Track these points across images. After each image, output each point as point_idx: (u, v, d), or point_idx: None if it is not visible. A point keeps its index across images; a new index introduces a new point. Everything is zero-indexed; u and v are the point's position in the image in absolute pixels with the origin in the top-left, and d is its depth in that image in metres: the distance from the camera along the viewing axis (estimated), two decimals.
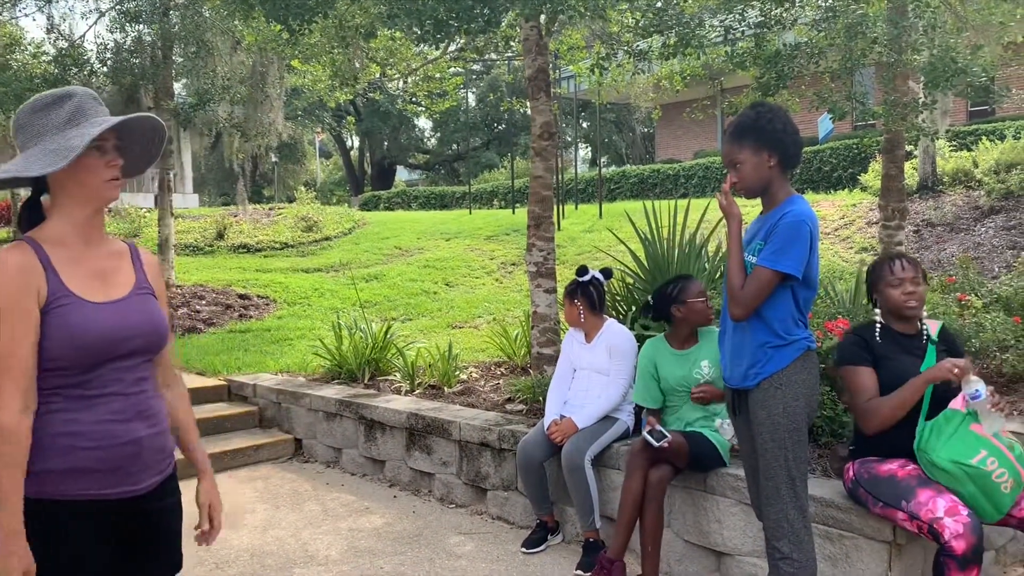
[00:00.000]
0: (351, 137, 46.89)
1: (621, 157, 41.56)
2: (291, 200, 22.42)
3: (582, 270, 4.48)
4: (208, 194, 42.86)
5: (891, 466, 3.22)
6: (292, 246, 15.69)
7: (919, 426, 3.17)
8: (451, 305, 11.83)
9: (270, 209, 20.07)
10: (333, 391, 6.38)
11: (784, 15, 5.41)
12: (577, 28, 7.15)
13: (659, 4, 5.86)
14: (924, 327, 3.33)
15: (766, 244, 2.87)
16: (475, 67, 42.46)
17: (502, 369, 7.17)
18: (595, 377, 4.41)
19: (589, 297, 4.42)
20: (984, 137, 14.55)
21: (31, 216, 1.95)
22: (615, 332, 4.38)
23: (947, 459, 3.01)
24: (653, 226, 5.66)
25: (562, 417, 4.36)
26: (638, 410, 4.41)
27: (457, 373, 6.61)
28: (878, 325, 3.34)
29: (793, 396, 2.90)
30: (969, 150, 14.34)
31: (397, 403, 5.81)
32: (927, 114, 5.57)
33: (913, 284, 3.25)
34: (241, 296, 11.71)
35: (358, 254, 15.21)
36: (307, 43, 6.36)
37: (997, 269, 10.27)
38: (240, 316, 10.89)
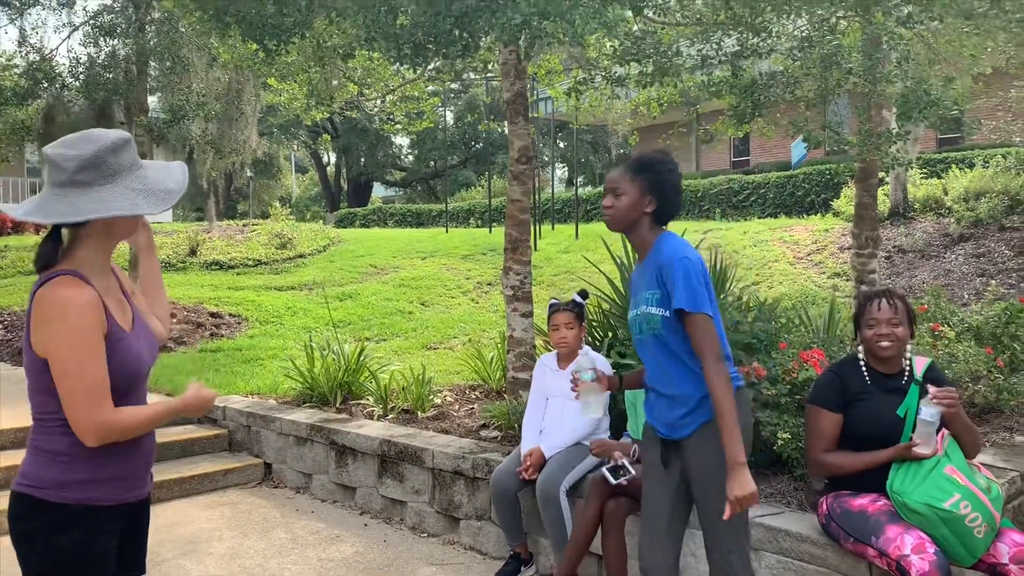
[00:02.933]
0: (327, 153, 46.74)
1: (596, 178, 41.73)
2: (266, 216, 22.26)
3: (584, 293, 4.45)
4: (182, 209, 42.48)
5: (863, 501, 3.21)
6: (266, 263, 15.54)
7: (893, 466, 3.16)
8: (426, 325, 11.76)
9: (244, 225, 19.89)
10: (304, 415, 6.28)
11: (760, 44, 5.45)
12: (555, 52, 7.16)
13: (636, 32, 5.88)
14: (908, 365, 3.31)
15: (662, 291, 2.81)
16: (453, 86, 42.63)
17: (477, 393, 7.11)
18: (569, 405, 4.36)
19: (579, 313, 4.39)
20: (954, 165, 14.78)
21: (54, 247, 2.05)
22: (595, 359, 4.34)
23: (920, 502, 3.00)
24: (629, 249, 5.63)
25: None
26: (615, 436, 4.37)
27: (431, 397, 6.54)
28: (861, 362, 3.32)
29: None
30: (939, 177, 14.55)
31: (369, 429, 5.72)
32: (900, 143, 5.62)
33: (889, 325, 3.23)
34: (212, 314, 11.56)
35: (332, 272, 15.09)
36: (284, 62, 6.31)
37: (967, 296, 10.40)
38: (211, 335, 10.74)
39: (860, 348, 3.34)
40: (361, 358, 7.00)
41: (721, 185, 18.26)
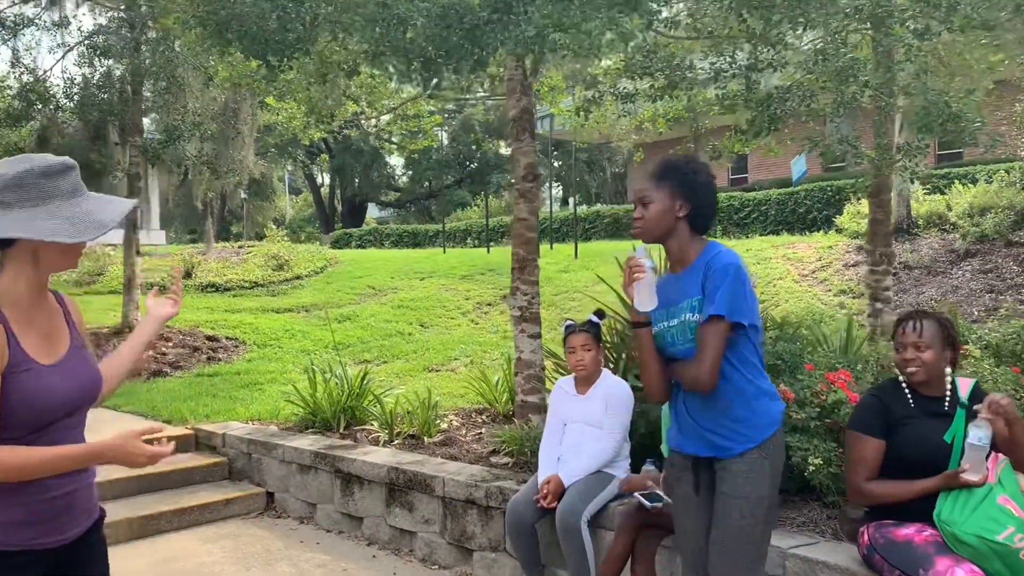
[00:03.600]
0: (322, 174, 46.65)
1: (592, 197, 41.71)
2: (260, 237, 22.08)
3: (600, 313, 4.27)
4: (175, 231, 42.26)
5: (908, 531, 3.03)
6: (262, 285, 15.35)
7: (941, 494, 2.98)
8: (426, 347, 11.56)
9: (239, 247, 19.70)
10: (307, 441, 6.08)
11: (775, 57, 5.31)
12: (559, 69, 7.04)
13: (647, 46, 5.75)
14: (952, 387, 3.14)
15: (705, 296, 2.64)
16: (448, 106, 42.67)
17: (483, 417, 6.92)
18: (587, 431, 4.18)
19: (595, 331, 4.21)
20: (956, 180, 14.70)
21: None
22: (613, 384, 4.17)
23: (971, 533, 2.82)
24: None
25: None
26: (636, 466, 4.18)
27: (437, 422, 6.34)
28: (904, 385, 3.15)
29: (776, 467, 2.72)
30: (942, 193, 14.46)
31: (376, 456, 5.52)
32: (919, 157, 5.49)
33: (916, 349, 3.08)
34: (209, 338, 11.35)
35: (330, 294, 14.91)
36: (284, 79, 6.16)
37: (977, 313, 10.25)
38: (208, 359, 10.53)
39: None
40: (364, 382, 6.80)
41: (721, 202, 18.15)
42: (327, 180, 46.42)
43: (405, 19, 3.89)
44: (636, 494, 3.71)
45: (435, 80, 5.29)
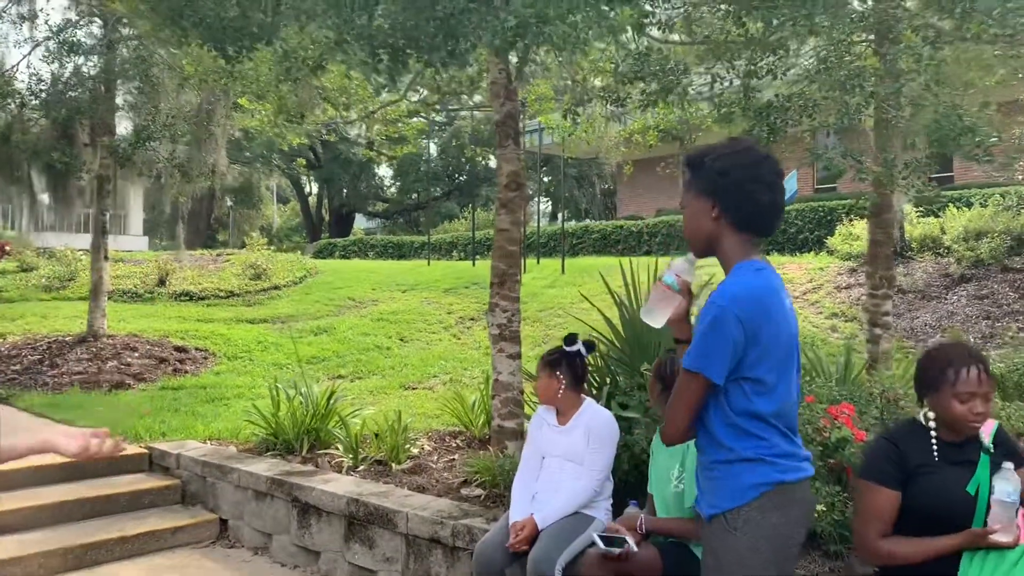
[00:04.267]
0: (310, 183, 46.24)
1: (581, 212, 41.44)
2: (243, 246, 21.60)
3: (571, 339, 3.85)
4: (160, 237, 41.63)
5: None
6: (238, 295, 14.88)
7: (965, 554, 2.59)
8: (405, 363, 11.12)
9: (218, 255, 19.23)
10: (264, 466, 5.63)
11: (776, 64, 4.96)
12: (547, 76, 6.67)
13: (639, 49, 5.38)
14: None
15: None
16: (438, 118, 42.35)
17: (458, 441, 6.50)
18: (567, 466, 3.77)
19: (574, 370, 3.80)
20: (950, 204, 14.42)
21: None
22: (596, 414, 3.76)
23: None
24: (631, 287, 5.08)
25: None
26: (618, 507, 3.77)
27: (407, 447, 5.91)
28: (932, 431, 2.74)
29: (756, 546, 2.24)
30: (936, 216, 14.17)
31: (336, 484, 5.08)
32: (922, 175, 5.14)
33: (984, 402, 2.66)
34: (178, 348, 10.87)
35: (308, 305, 14.44)
36: (252, 77, 5.78)
37: (974, 340, 9.92)
38: (175, 371, 10.05)
39: (930, 415, 2.74)
40: (331, 402, 6.36)
41: None
42: (315, 189, 45.98)
43: (370, 3, 3.50)
44: (594, 535, 3.31)
45: (405, 75, 4.88)
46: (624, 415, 4.20)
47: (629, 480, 4.01)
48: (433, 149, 41.33)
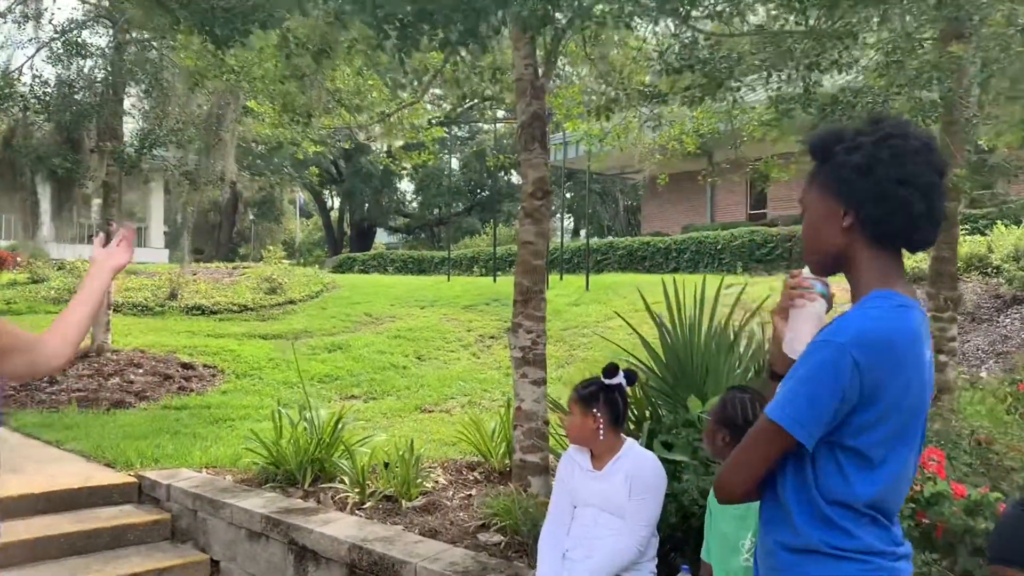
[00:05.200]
0: (332, 198, 46.10)
1: (604, 229, 40.86)
2: (260, 259, 21.20)
3: (611, 370, 3.25)
4: (183, 249, 41.50)
5: None
6: (252, 309, 14.39)
7: None
8: (421, 383, 10.55)
9: (234, 268, 18.82)
10: (261, 501, 5.07)
11: (842, 55, 4.36)
12: (577, 77, 6.11)
13: (686, 37, 4.80)
14: None
15: None
16: (460, 133, 42.00)
17: (476, 473, 5.91)
18: (604, 518, 3.17)
19: (614, 407, 3.20)
20: (998, 221, 13.68)
21: None
22: (640, 459, 3.16)
23: None
24: (675, 307, 4.49)
25: None
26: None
27: (420, 481, 5.33)
28: None
29: None
30: (983, 234, 13.44)
31: (338, 526, 4.50)
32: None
33: None
34: (184, 365, 10.37)
35: (323, 320, 13.93)
36: (256, 72, 5.28)
37: None
38: (179, 389, 9.54)
39: None
40: (338, 428, 5.79)
41: (743, 237, 17.16)
42: (337, 204, 45.81)
43: None
44: None
45: (424, 83, 4.34)
46: (669, 457, 3.59)
47: (676, 536, 3.40)
48: (455, 164, 41.08)
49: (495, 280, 17.75)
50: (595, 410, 3.17)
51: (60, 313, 2.10)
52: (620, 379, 3.23)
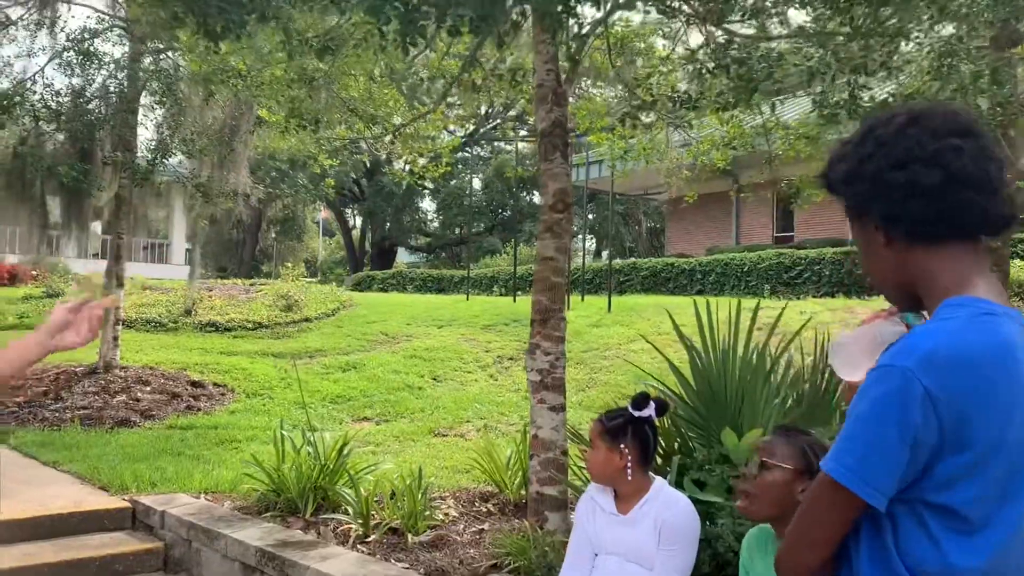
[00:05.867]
0: (353, 216, 46.13)
1: (625, 250, 40.47)
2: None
3: (641, 400, 2.87)
4: (206, 266, 41.57)
5: None
6: (267, 326, 14.14)
7: None
8: (436, 404, 10.19)
9: (251, 284, 18.62)
10: (258, 533, 4.72)
11: (891, 57, 4.00)
12: (599, 86, 5.79)
13: (722, 36, 4.45)
14: None
15: None
16: (481, 152, 41.89)
17: (490, 505, 5.53)
18: (631, 569, 2.78)
19: (643, 443, 2.82)
20: None
21: None
22: (671, 502, 2.78)
23: None
24: (707, 330, 4.11)
25: None
26: None
27: (428, 513, 4.97)
28: None
29: None
30: (1022, 258, 12.95)
31: (337, 563, 4.14)
32: None
33: None
34: (194, 383, 10.09)
35: (338, 339, 13.63)
36: (265, 76, 5.01)
37: None
38: (187, 408, 9.25)
39: None
40: (343, 454, 5.45)
41: (770, 260, 16.71)
42: (359, 223, 45.81)
43: None
44: None
45: (424, 44, 4.00)
46: (701, 497, 3.21)
47: None
48: (476, 184, 40.94)
49: (515, 300, 17.39)
50: (622, 445, 2.80)
51: None
52: (650, 411, 2.86)
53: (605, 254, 25.13)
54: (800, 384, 4.07)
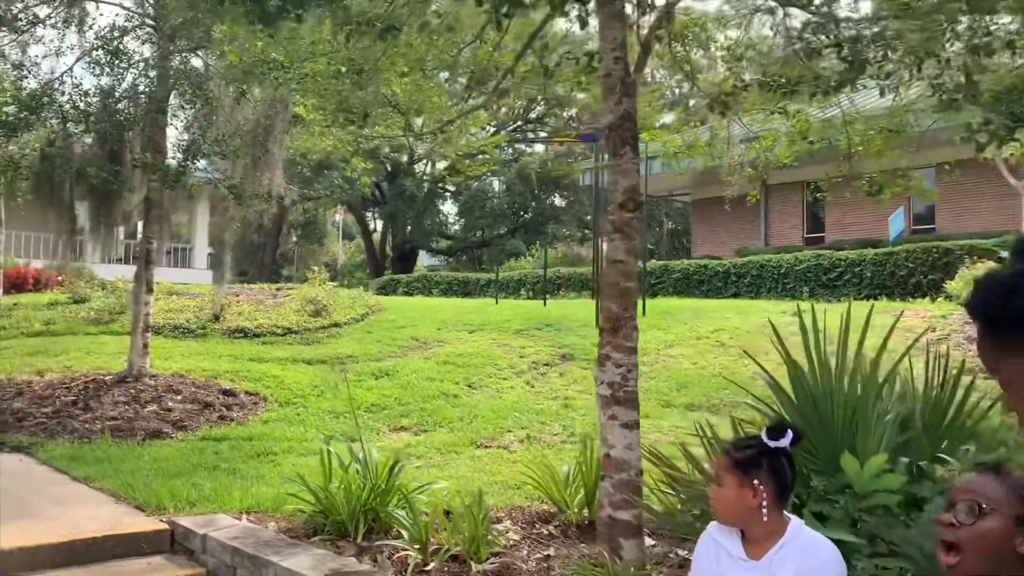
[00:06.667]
0: (374, 220, 45.95)
1: (646, 253, 39.99)
2: (305, 280, 20.79)
3: (777, 429, 2.48)
4: (224, 268, 41.43)
5: None
6: (296, 332, 13.83)
7: None
8: (475, 413, 9.83)
9: (277, 289, 18.34)
10: (308, 561, 4.37)
11: (1020, 34, 3.58)
12: (669, 72, 5.40)
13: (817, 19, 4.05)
14: None
15: None
16: (503, 155, 41.54)
17: (551, 527, 5.17)
18: None
19: (779, 478, 2.44)
20: None
21: None
22: (815, 547, 2.39)
23: None
24: (812, 339, 3.73)
25: None
26: None
27: (489, 537, 4.60)
28: None
29: None
30: None
31: None
32: None
33: None
34: (225, 392, 9.79)
35: (369, 344, 13.30)
36: (308, 68, 4.67)
37: None
38: (220, 417, 8.95)
39: None
40: (394, 472, 5.10)
41: (808, 261, 16.24)
42: (379, 226, 45.61)
43: None
44: None
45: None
46: (829, 535, 2.81)
47: None
48: (498, 187, 40.62)
49: (545, 304, 17.03)
50: (756, 481, 2.41)
51: None
52: (787, 440, 2.47)
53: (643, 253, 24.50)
54: (911, 400, 3.67)
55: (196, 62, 8.77)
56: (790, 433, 2.48)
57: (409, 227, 40.65)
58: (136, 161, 8.80)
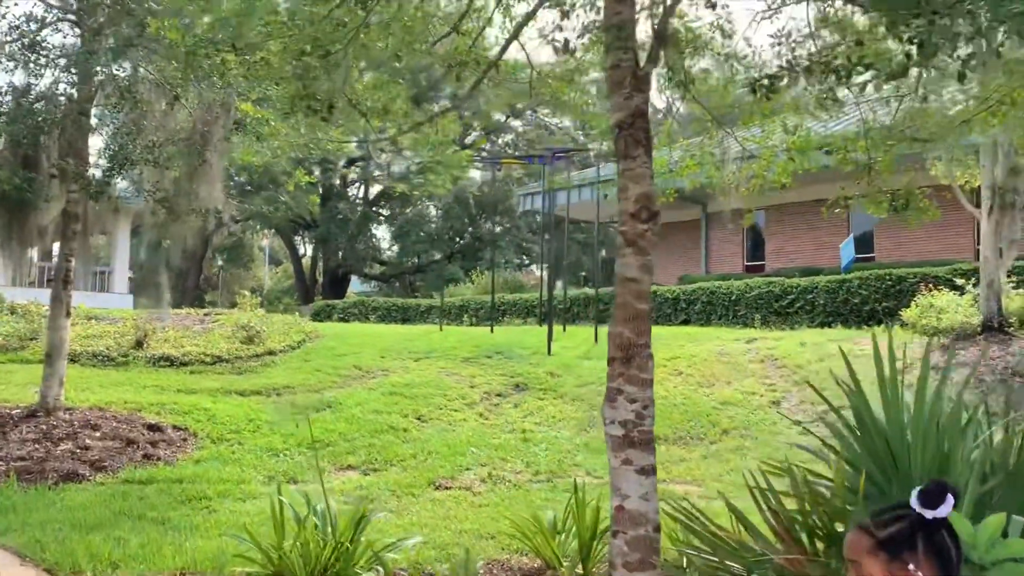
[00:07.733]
0: (304, 244, 44.66)
1: (581, 280, 39.73)
2: (233, 306, 19.63)
3: (935, 493, 1.86)
4: (153, 296, 39.58)
5: None
6: (227, 360, 12.82)
7: None
8: (428, 449, 9.06)
9: (205, 315, 17.24)
10: None
11: None
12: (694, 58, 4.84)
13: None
14: None
15: None
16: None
17: None
18: None
19: (944, 560, 1.82)
20: None
21: None
22: None
23: None
24: (888, 371, 3.17)
25: None
26: None
27: None
28: None
29: None
30: None
31: None
32: None
33: None
34: (151, 427, 8.81)
35: (307, 374, 12.39)
36: (261, 54, 3.98)
37: None
38: (145, 456, 7.97)
39: None
40: (359, 528, 4.34)
41: (760, 288, 15.99)
42: (309, 251, 44.33)
43: None
44: None
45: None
46: None
47: None
48: (433, 212, 39.92)
49: (492, 331, 16.37)
50: (911, 566, 1.79)
51: None
52: (948, 508, 1.86)
53: (559, 283, 23.71)
54: (1015, 440, 3.14)
55: (125, 63, 7.87)
56: (950, 498, 1.87)
57: (341, 251, 39.54)
58: (54, 168, 7.85)
